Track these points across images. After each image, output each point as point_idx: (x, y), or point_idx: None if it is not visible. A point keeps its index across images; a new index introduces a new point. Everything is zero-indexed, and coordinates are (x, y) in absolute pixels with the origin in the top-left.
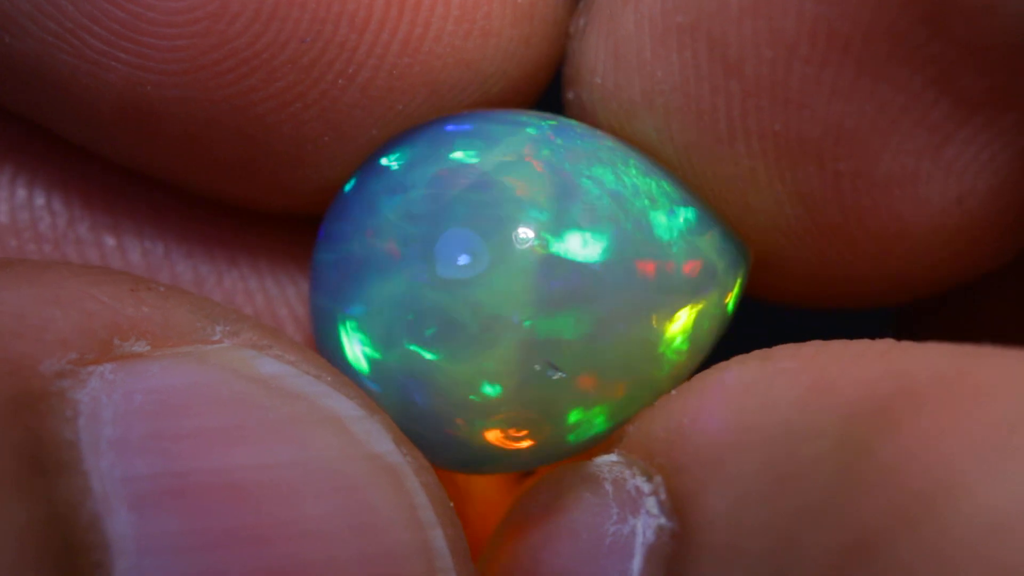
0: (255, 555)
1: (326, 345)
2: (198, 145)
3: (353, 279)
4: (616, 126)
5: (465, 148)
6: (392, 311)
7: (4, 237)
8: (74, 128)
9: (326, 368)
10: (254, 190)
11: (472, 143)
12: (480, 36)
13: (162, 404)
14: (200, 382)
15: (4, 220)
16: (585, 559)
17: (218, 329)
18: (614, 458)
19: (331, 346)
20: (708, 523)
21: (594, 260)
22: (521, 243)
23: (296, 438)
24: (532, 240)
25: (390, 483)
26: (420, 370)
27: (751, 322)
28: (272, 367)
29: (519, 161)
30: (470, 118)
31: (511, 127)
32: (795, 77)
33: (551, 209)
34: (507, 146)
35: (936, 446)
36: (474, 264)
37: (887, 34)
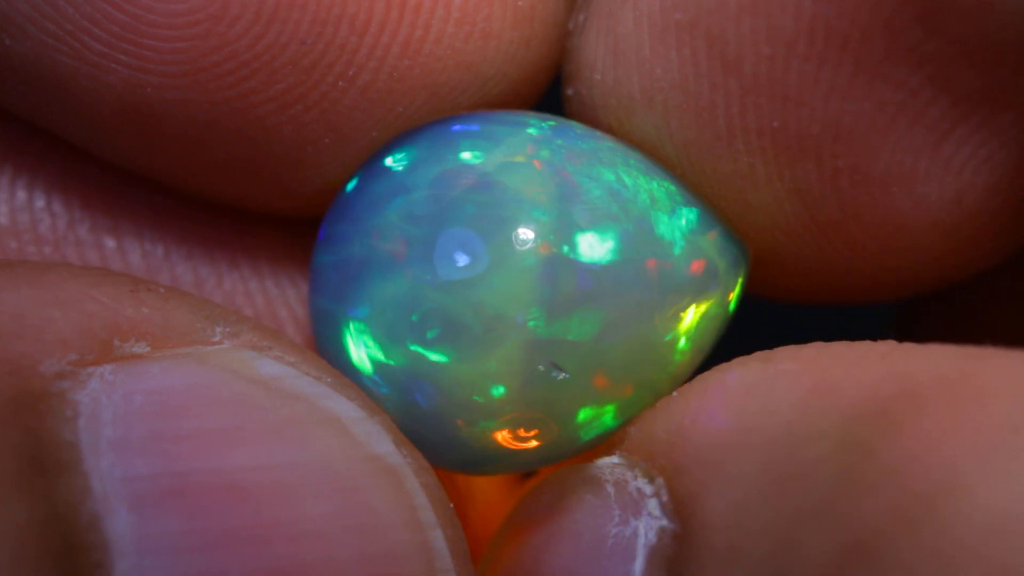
0: (255, 555)
1: (327, 346)
2: (198, 147)
3: (355, 280)
4: (615, 123)
5: (468, 149)
6: (395, 312)
7: (4, 239)
8: (74, 130)
9: (326, 369)
10: (254, 192)
11: (474, 144)
12: (480, 38)
13: (162, 405)
14: (200, 383)
15: (4, 222)
16: (587, 560)
17: (218, 330)
18: (616, 460)
19: (333, 347)
20: (709, 524)
21: (597, 260)
22: (524, 244)
23: (296, 439)
24: (535, 241)
25: (390, 484)
26: (424, 371)
27: (752, 322)
28: (272, 368)
29: (521, 162)
30: (472, 119)
31: (512, 128)
32: (793, 75)
33: (554, 210)
34: (509, 147)
35: (937, 447)
36: (477, 265)
37: (885, 32)
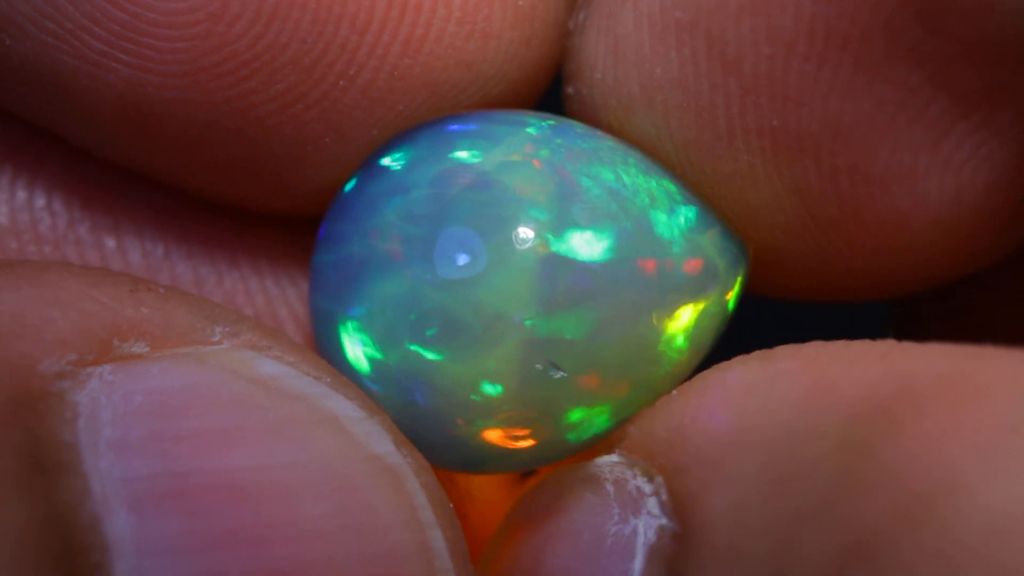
0: (255, 556)
1: (326, 346)
2: (198, 146)
3: (354, 279)
4: (615, 122)
5: (466, 148)
6: (393, 311)
7: (4, 238)
8: (74, 129)
9: (326, 369)
10: (254, 191)
11: (473, 143)
12: (481, 38)
13: (161, 405)
14: (199, 383)
15: (4, 221)
16: (586, 559)
17: (217, 330)
18: (615, 458)
19: (332, 347)
20: (709, 523)
21: (596, 259)
22: (522, 243)
23: (296, 439)
24: (533, 239)
25: (390, 484)
26: (421, 370)
27: (752, 321)
28: (272, 368)
29: (520, 161)
30: (472, 118)
31: (511, 127)
32: (793, 74)
33: (552, 208)
34: (508, 146)
35: (937, 447)
36: (475, 264)
37: (884, 31)
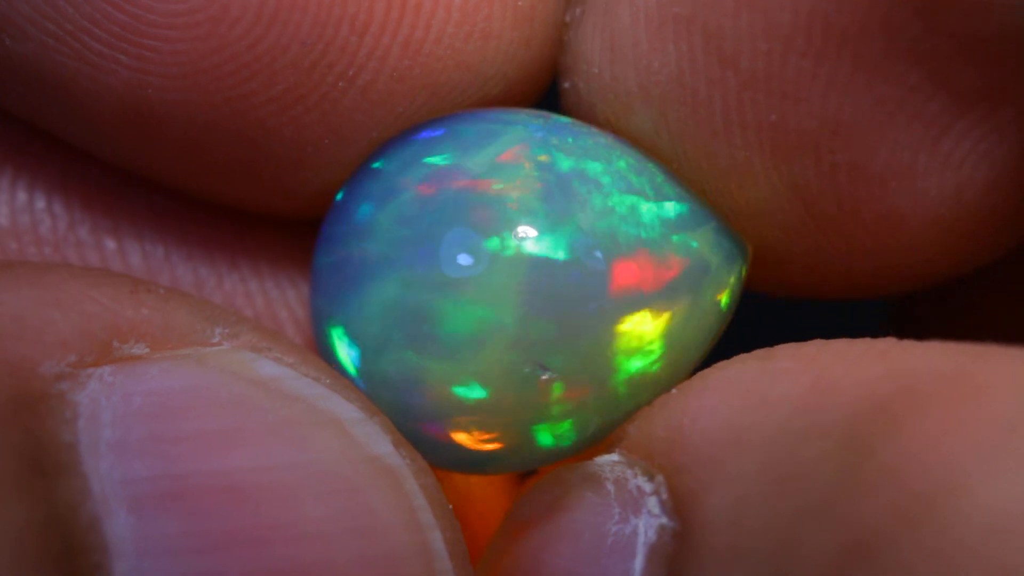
0: (254, 557)
1: (325, 347)
2: (199, 148)
3: (344, 281)
4: (612, 117)
5: (457, 149)
6: (381, 313)
7: (5, 240)
8: (75, 131)
9: (325, 370)
10: (255, 193)
11: (461, 144)
12: (480, 38)
13: (161, 406)
14: (199, 384)
15: (5, 223)
16: (587, 559)
17: (217, 331)
18: (615, 458)
19: (326, 348)
20: (709, 523)
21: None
22: (509, 244)
23: (295, 440)
24: (520, 241)
25: (389, 485)
26: (408, 372)
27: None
28: (271, 369)
29: (510, 161)
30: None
31: (502, 126)
32: (791, 70)
33: (540, 210)
34: (498, 146)
35: (937, 446)
36: (462, 266)
37: (883, 28)
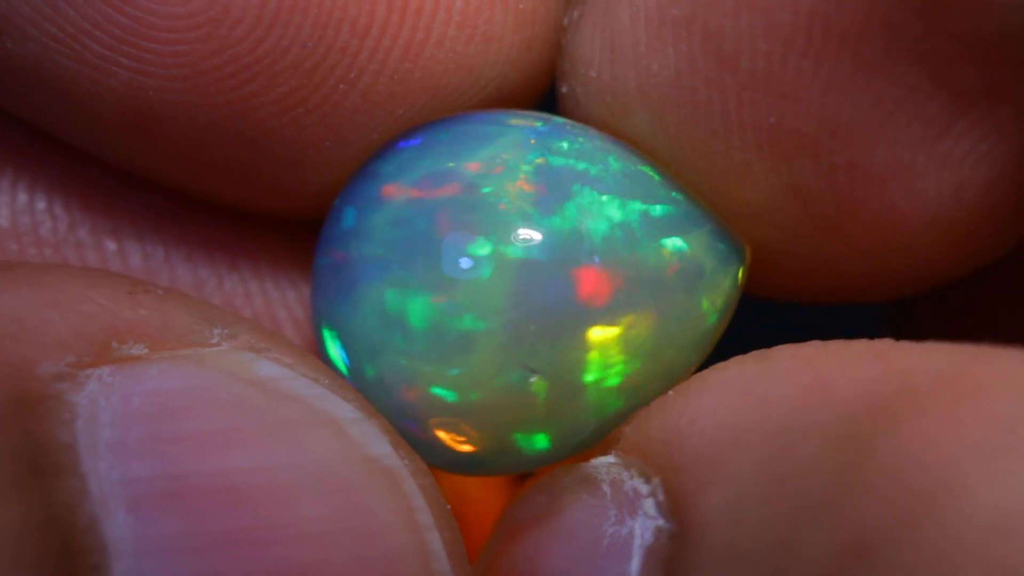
0: (252, 558)
1: (322, 348)
2: (199, 149)
3: (337, 283)
4: (610, 120)
5: (452, 151)
6: (371, 315)
7: (5, 241)
8: (75, 132)
9: (324, 371)
10: (255, 194)
11: (457, 147)
12: (481, 41)
13: (160, 407)
14: (198, 385)
15: (5, 224)
16: (583, 561)
17: (216, 332)
18: (611, 459)
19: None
20: (707, 524)
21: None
22: (501, 247)
23: (293, 441)
24: (512, 244)
25: (387, 486)
26: (396, 374)
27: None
28: (270, 370)
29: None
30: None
31: (497, 128)
32: (790, 70)
33: (533, 213)
34: (492, 148)
35: (937, 446)
36: (454, 268)
37: (883, 27)
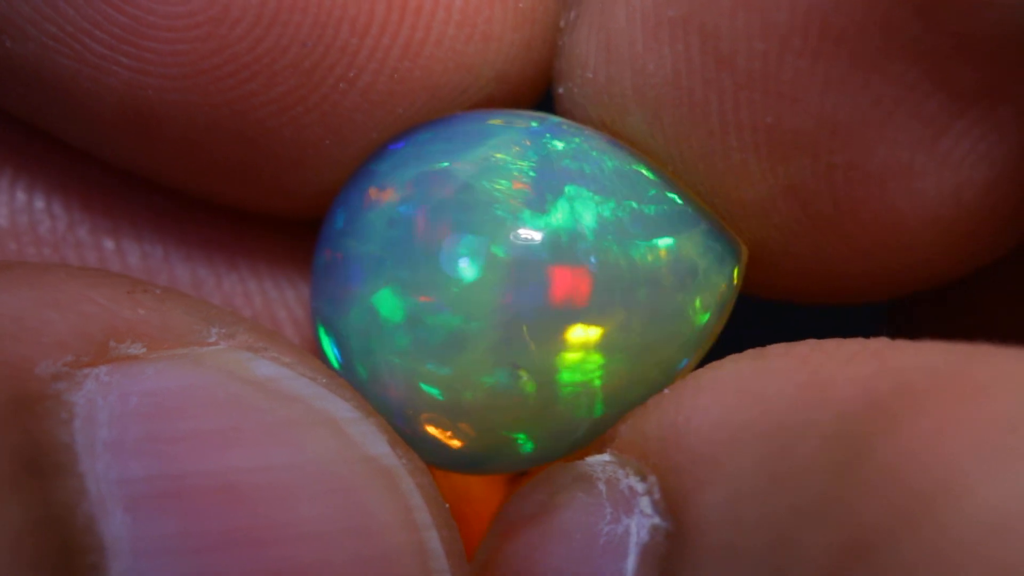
0: (251, 557)
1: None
2: (198, 148)
3: (332, 282)
4: (607, 120)
5: (449, 151)
6: (364, 314)
7: (4, 240)
8: (74, 131)
9: (322, 370)
10: (254, 193)
11: (454, 146)
12: (481, 40)
13: (158, 406)
14: (196, 384)
15: (4, 223)
16: (579, 559)
17: (214, 331)
18: (607, 458)
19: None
20: (703, 522)
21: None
22: (493, 247)
23: (292, 440)
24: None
25: (386, 485)
26: (391, 372)
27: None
28: (268, 369)
29: (501, 163)
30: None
31: (494, 128)
32: (788, 70)
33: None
34: (488, 148)
35: (936, 445)
36: (448, 267)
37: (881, 27)
